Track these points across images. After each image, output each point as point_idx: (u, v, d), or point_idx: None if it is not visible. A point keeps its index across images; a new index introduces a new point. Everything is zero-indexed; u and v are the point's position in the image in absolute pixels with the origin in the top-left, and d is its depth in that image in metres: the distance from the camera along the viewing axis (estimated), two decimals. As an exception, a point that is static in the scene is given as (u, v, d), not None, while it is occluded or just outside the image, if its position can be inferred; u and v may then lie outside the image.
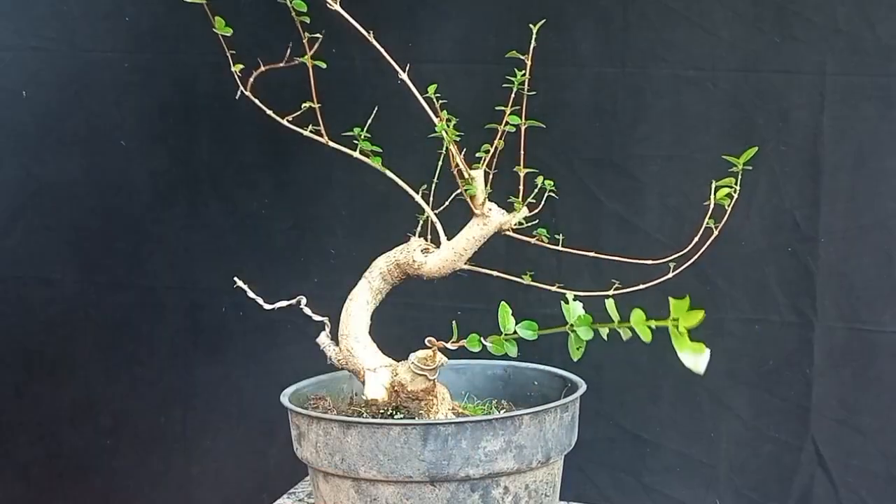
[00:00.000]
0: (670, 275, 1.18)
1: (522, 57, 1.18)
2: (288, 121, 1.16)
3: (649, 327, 0.83)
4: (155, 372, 1.84)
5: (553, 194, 1.24)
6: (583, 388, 1.18)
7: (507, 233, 1.19)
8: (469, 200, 1.16)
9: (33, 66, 1.80)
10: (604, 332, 0.95)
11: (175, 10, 1.74)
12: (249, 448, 1.81)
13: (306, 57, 1.13)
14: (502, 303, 1.02)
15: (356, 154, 1.18)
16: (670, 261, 1.20)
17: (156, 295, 1.82)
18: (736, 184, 1.18)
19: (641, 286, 1.18)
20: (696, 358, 0.79)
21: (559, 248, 1.23)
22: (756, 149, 1.18)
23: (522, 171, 1.20)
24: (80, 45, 1.78)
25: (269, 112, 1.17)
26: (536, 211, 1.22)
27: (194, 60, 1.74)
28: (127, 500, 1.86)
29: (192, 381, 1.83)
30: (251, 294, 1.20)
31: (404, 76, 1.12)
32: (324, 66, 1.15)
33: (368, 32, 1.10)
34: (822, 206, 1.56)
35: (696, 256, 1.20)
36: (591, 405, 1.64)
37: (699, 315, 0.79)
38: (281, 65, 1.14)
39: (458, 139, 1.14)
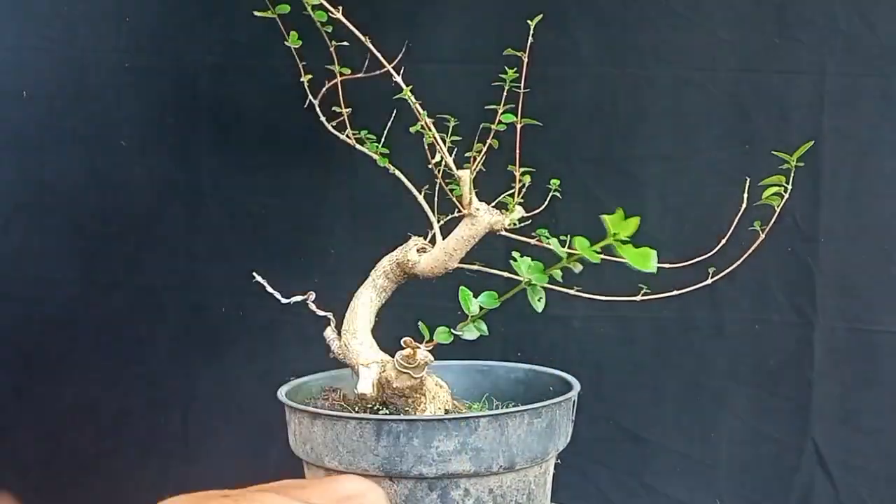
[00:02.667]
0: (709, 281, 1.17)
1: (519, 54, 1.18)
2: (333, 126, 1.17)
3: (595, 251, 0.85)
4: (155, 372, 1.84)
5: (557, 194, 1.24)
6: (566, 396, 1.15)
7: (502, 233, 1.18)
8: (456, 200, 1.16)
9: (33, 66, 1.79)
10: (557, 273, 0.96)
11: (175, 10, 1.74)
12: (249, 448, 1.81)
13: (336, 65, 1.14)
14: (461, 287, 1.03)
15: (377, 158, 1.19)
16: (688, 264, 1.19)
17: (156, 295, 1.82)
18: (788, 182, 1.15)
19: (675, 292, 1.17)
20: (644, 259, 0.83)
21: (557, 248, 1.23)
22: (812, 143, 1.15)
23: (517, 171, 1.20)
24: (80, 45, 1.78)
25: (325, 121, 1.17)
26: (537, 211, 1.22)
27: (194, 60, 1.74)
28: (127, 500, 1.85)
29: (192, 381, 1.83)
30: (269, 289, 1.20)
31: (398, 79, 1.12)
32: (349, 72, 1.16)
33: (365, 37, 1.10)
34: (822, 206, 1.56)
35: (740, 260, 1.18)
36: (591, 405, 1.64)
37: (634, 221, 0.82)
38: (358, 75, 1.14)
39: (443, 138, 1.14)
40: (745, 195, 1.19)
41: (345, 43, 1.12)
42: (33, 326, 1.86)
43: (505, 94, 1.19)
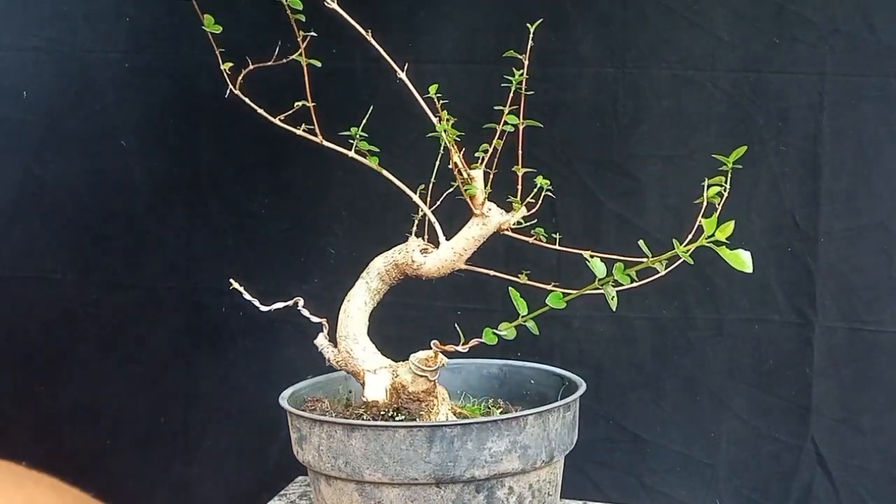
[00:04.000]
0: (662, 272, 1.15)
1: (520, 56, 1.18)
2: (281, 120, 1.16)
3: (684, 252, 0.92)
4: (155, 372, 1.84)
5: (550, 193, 1.24)
6: (583, 386, 1.19)
7: (506, 232, 1.18)
8: (469, 200, 1.16)
9: (33, 66, 1.79)
10: (629, 275, 1.01)
11: (175, 10, 1.74)
12: (249, 448, 1.81)
13: (300, 55, 1.13)
14: (511, 289, 1.03)
15: (351, 153, 1.18)
16: (663, 259, 1.18)
17: (156, 295, 1.82)
18: (726, 182, 1.16)
19: (637, 283, 1.16)
20: (740, 260, 0.93)
21: (556, 247, 1.23)
22: (745, 148, 1.16)
23: (521, 171, 1.20)
24: (80, 45, 1.78)
25: (261, 111, 1.17)
26: (535, 210, 1.22)
27: (194, 60, 1.74)
28: (127, 500, 1.85)
29: (192, 381, 1.83)
30: (247, 296, 1.20)
31: (403, 76, 1.12)
32: (318, 64, 1.15)
33: (367, 31, 1.09)
34: (822, 206, 1.56)
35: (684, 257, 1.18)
36: (591, 405, 1.64)
37: (730, 225, 0.93)
38: (270, 63, 1.14)
39: (458, 139, 1.14)
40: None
41: (312, 33, 1.12)
42: (33, 326, 1.86)
43: (511, 95, 1.19)
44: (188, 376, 1.83)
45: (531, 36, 1.17)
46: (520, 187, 1.20)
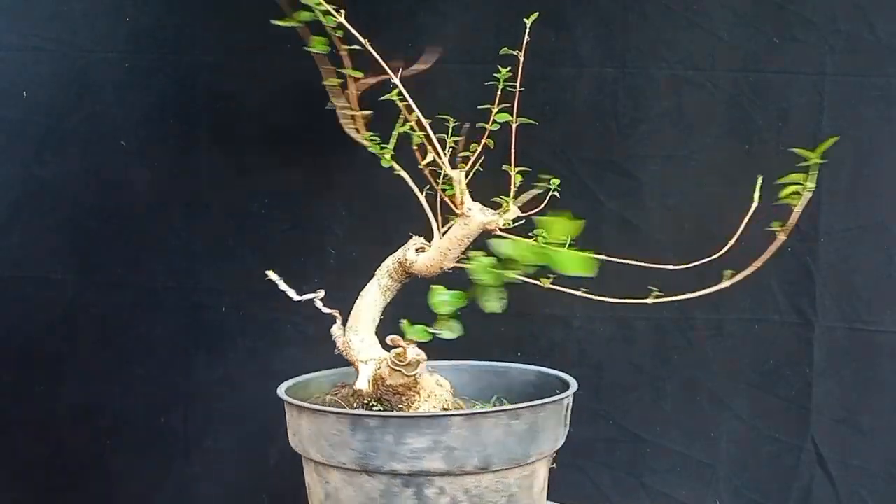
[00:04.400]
0: (725, 283, 1.14)
1: (515, 53, 1.17)
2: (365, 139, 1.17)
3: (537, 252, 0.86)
4: (155, 372, 1.83)
5: (556, 194, 1.23)
6: (549, 399, 1.13)
7: (497, 233, 1.18)
8: (449, 201, 1.17)
9: (33, 66, 1.79)
10: (511, 275, 0.97)
11: (175, 10, 1.74)
12: (249, 448, 1.81)
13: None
14: (432, 286, 1.03)
15: (384, 159, 1.19)
16: (698, 265, 1.17)
17: (156, 295, 1.82)
18: (807, 181, 1.10)
19: (689, 295, 1.15)
20: (581, 264, 0.82)
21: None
22: (836, 138, 1.12)
23: (513, 171, 1.19)
24: (80, 45, 1.78)
25: (361, 139, 1.17)
26: (536, 210, 1.22)
27: (194, 60, 1.74)
28: (127, 500, 1.85)
29: (192, 381, 1.83)
30: (283, 286, 1.21)
31: (397, 82, 1.12)
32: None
33: (366, 40, 1.09)
34: (822, 206, 1.56)
35: (758, 263, 1.16)
36: (591, 405, 1.64)
37: (574, 224, 0.81)
38: (372, 80, 1.14)
39: (442, 138, 1.14)
40: (758, 195, 1.16)
41: (356, 47, 1.12)
42: (33, 326, 1.86)
43: (499, 93, 1.19)
44: (188, 376, 1.83)
45: (527, 31, 1.17)
46: (512, 187, 1.19)
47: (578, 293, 1.15)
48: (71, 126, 1.80)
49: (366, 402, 1.16)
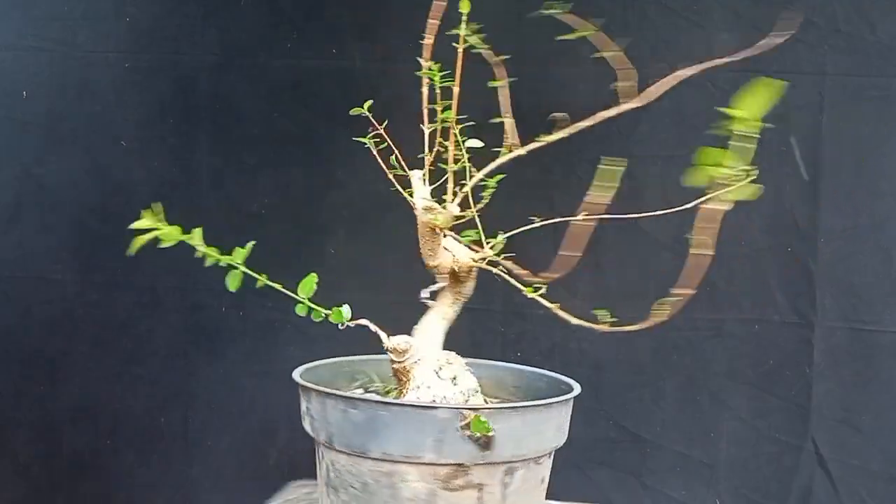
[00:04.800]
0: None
1: (485, 48, 1.17)
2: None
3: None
4: (155, 372, 1.84)
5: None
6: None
7: (447, 232, 1.17)
8: (410, 199, 1.17)
9: (33, 66, 1.79)
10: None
11: (175, 11, 1.74)
12: (249, 448, 1.81)
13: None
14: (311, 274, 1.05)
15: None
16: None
17: (156, 295, 1.82)
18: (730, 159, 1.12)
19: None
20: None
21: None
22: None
23: (451, 168, 1.17)
24: (80, 45, 1.78)
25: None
26: (472, 211, 1.20)
27: (194, 60, 1.74)
28: (127, 500, 1.85)
29: (192, 381, 1.83)
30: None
31: (424, 66, 1.12)
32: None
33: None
34: (822, 206, 1.56)
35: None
36: (591, 405, 1.64)
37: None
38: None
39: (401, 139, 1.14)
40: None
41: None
42: (33, 326, 1.86)
43: (435, 91, 1.18)
44: (188, 376, 1.83)
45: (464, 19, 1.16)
46: (450, 184, 1.18)
47: (556, 309, 1.14)
48: (71, 126, 1.81)
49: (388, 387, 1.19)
